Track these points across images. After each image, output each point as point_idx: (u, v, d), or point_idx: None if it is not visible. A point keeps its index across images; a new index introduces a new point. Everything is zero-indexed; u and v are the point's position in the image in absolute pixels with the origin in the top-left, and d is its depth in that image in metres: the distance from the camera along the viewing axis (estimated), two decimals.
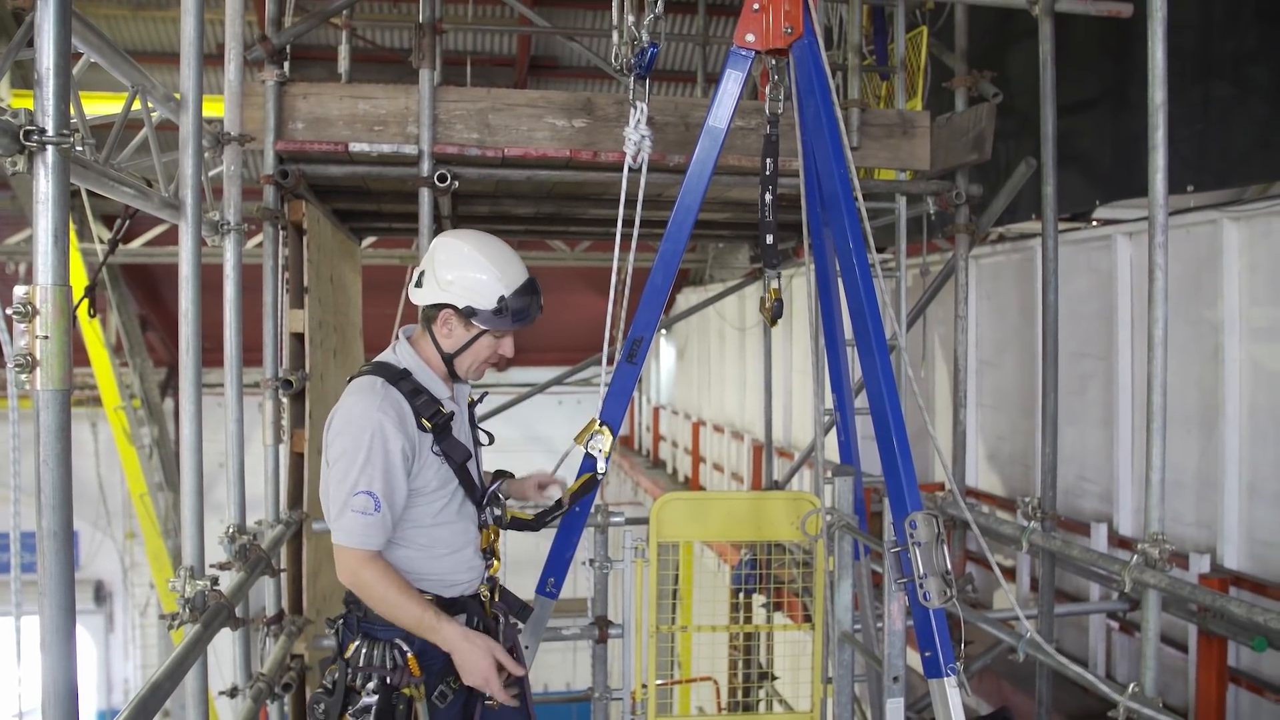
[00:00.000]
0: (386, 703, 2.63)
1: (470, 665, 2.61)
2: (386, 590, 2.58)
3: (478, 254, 2.64)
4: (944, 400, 6.80)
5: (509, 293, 2.63)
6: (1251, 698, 4.37)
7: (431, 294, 2.64)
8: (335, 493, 2.56)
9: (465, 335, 2.67)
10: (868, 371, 2.98)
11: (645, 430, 16.73)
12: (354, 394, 2.64)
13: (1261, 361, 4.36)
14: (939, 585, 2.68)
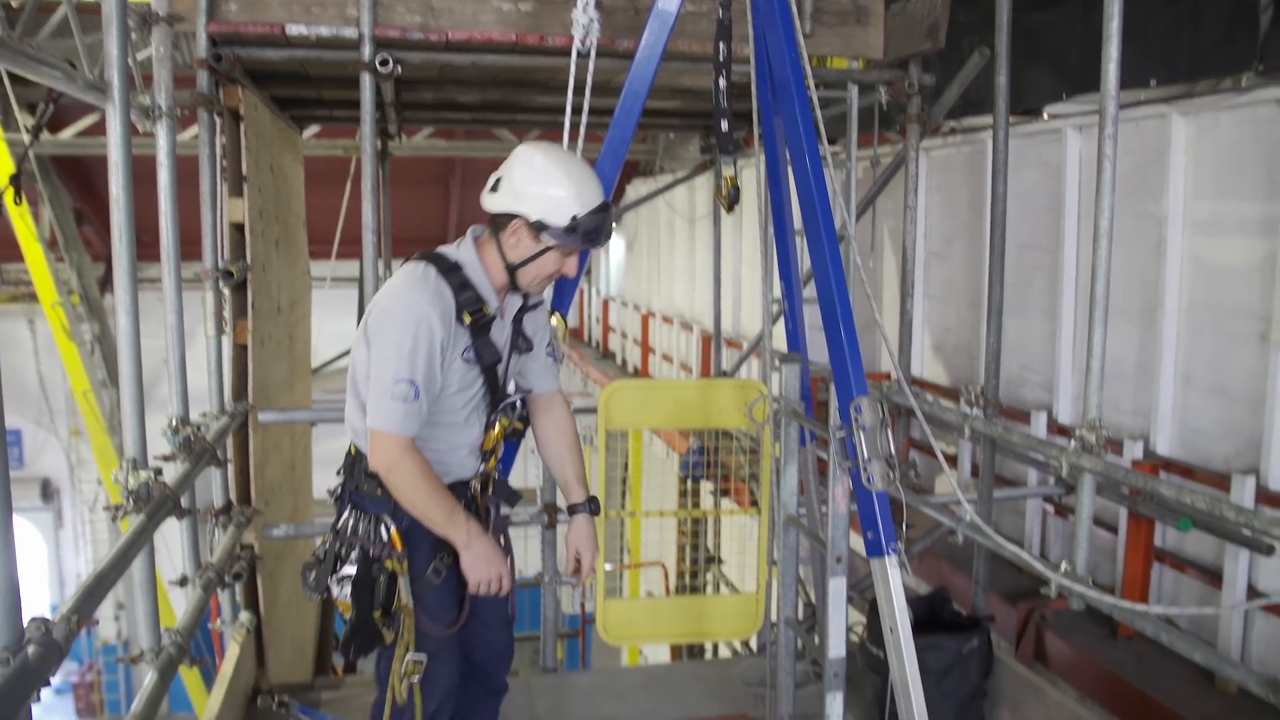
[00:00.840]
0: (365, 573, 2.69)
1: (479, 573, 2.71)
2: (421, 482, 2.62)
3: (556, 169, 2.62)
4: (892, 291, 6.85)
5: (583, 212, 2.61)
6: (1174, 574, 4.56)
7: (504, 202, 2.62)
8: (376, 376, 2.57)
9: (533, 248, 2.64)
10: (816, 260, 2.98)
11: (595, 322, 16.72)
12: (404, 281, 2.63)
13: (1202, 255, 4.43)
14: (882, 469, 2.74)
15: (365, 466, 2.72)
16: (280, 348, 5.11)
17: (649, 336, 13.05)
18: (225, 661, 3.97)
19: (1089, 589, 3.08)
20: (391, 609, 2.73)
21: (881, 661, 3.69)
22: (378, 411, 2.57)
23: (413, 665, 2.75)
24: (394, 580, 2.72)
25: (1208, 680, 4.11)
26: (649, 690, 4.27)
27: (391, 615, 2.74)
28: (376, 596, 2.70)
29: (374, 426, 2.59)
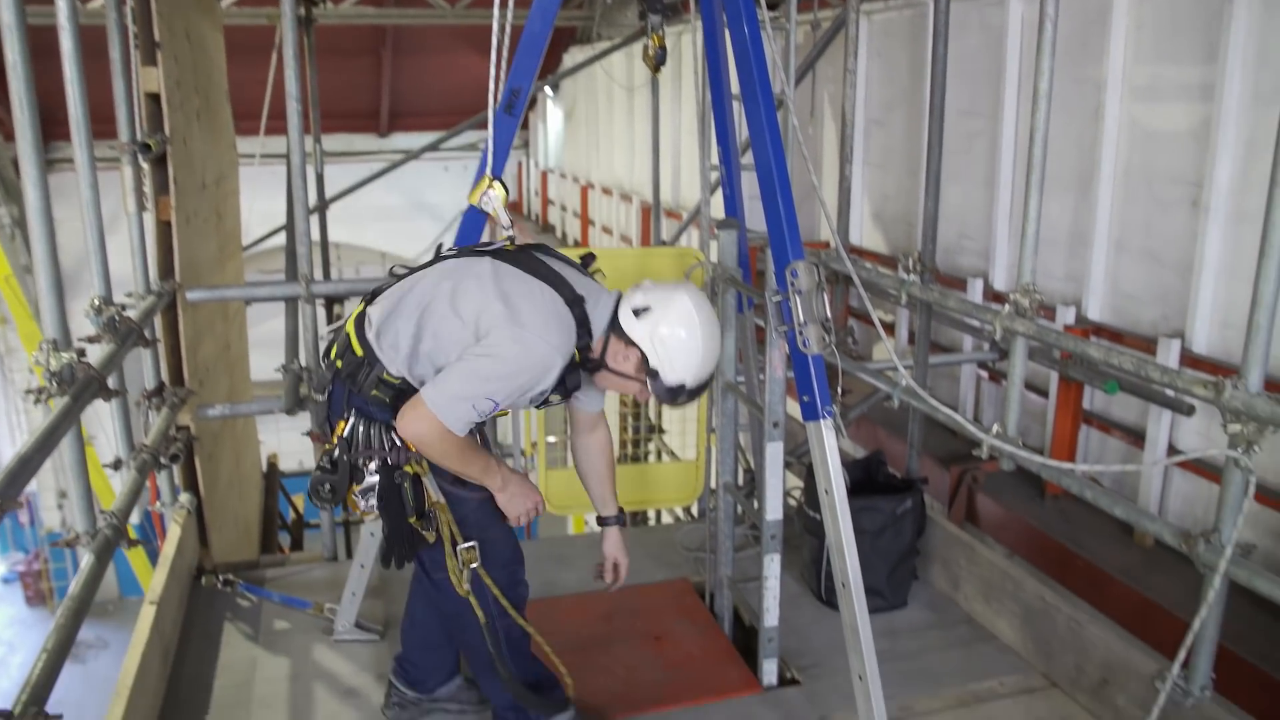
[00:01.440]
0: (389, 481, 2.64)
1: (515, 509, 2.76)
2: (457, 447, 2.58)
3: (700, 338, 2.67)
4: (831, 159, 6.81)
5: (691, 385, 2.71)
6: (1100, 436, 4.71)
7: (639, 335, 2.67)
8: (470, 379, 2.50)
9: (629, 372, 2.72)
10: (753, 127, 2.92)
11: (534, 195, 16.48)
12: (541, 311, 2.57)
13: (1139, 120, 4.43)
14: (818, 333, 2.75)
15: (379, 374, 2.63)
16: (208, 225, 4.95)
17: (588, 208, 12.90)
18: (166, 543, 3.95)
19: (1019, 449, 3.16)
20: (425, 510, 2.69)
21: (818, 524, 3.79)
22: (450, 406, 2.49)
23: (467, 554, 2.72)
24: (419, 482, 2.67)
25: (1127, 535, 4.29)
26: (593, 556, 4.33)
27: (427, 516, 2.69)
28: (407, 503, 2.66)
29: (437, 414, 2.50)
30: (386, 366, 2.63)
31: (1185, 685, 2.80)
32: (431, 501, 2.69)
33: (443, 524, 2.69)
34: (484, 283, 2.61)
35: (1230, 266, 3.98)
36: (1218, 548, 2.63)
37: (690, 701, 3.26)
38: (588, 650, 3.49)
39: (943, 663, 3.54)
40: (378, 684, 3.36)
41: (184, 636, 3.69)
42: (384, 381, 2.63)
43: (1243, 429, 2.53)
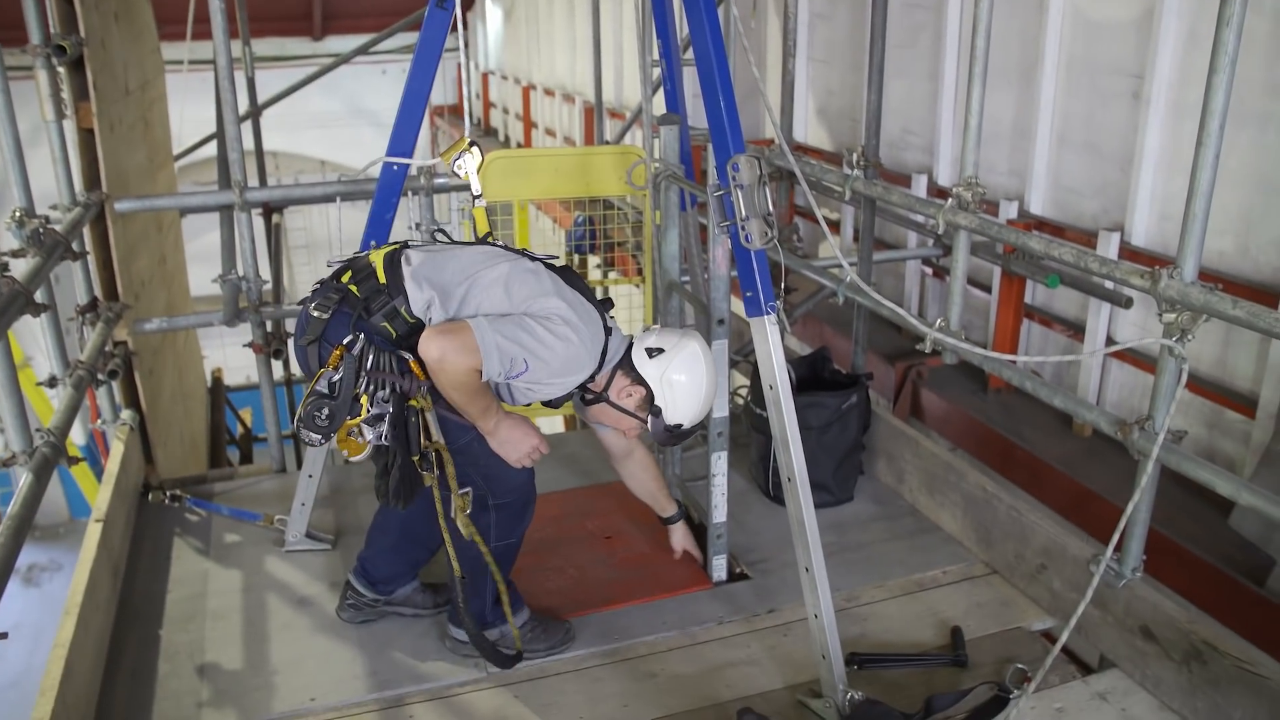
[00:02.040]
0: (400, 413, 2.58)
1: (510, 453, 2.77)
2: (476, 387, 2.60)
3: (705, 383, 2.85)
4: (775, 54, 6.70)
5: (688, 425, 2.87)
6: (1041, 330, 4.79)
7: (651, 374, 2.82)
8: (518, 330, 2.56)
9: (630, 408, 2.86)
10: (693, 18, 2.85)
11: (475, 97, 16.10)
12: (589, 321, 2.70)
13: (1082, 10, 4.39)
14: (760, 227, 2.73)
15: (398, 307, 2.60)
16: (134, 132, 4.78)
17: (530, 110, 12.64)
18: (110, 460, 3.90)
19: (962, 343, 3.19)
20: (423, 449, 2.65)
21: (765, 420, 3.82)
22: (492, 346, 2.51)
23: (463, 500, 2.71)
24: (421, 417, 2.63)
25: (1066, 427, 4.39)
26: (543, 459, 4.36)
27: (424, 456, 2.65)
28: (413, 438, 2.62)
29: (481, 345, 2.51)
30: (411, 304, 2.60)
31: (1118, 568, 2.90)
32: (430, 442, 2.65)
33: (445, 463, 2.66)
34: (541, 280, 2.69)
35: (1169, 160, 4.00)
36: (1151, 434, 2.70)
37: (642, 599, 3.32)
38: (539, 552, 3.53)
39: (888, 554, 3.63)
40: (330, 592, 3.38)
41: (133, 553, 3.67)
42: (399, 316, 2.60)
43: (1177, 318, 2.57)
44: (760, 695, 2.89)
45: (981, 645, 3.09)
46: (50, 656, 2.63)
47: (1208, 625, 2.80)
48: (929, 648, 3.10)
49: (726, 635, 3.18)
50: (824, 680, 2.78)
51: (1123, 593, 2.92)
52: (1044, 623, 3.22)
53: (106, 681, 2.96)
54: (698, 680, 2.97)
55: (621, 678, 2.98)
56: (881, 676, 2.94)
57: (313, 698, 2.89)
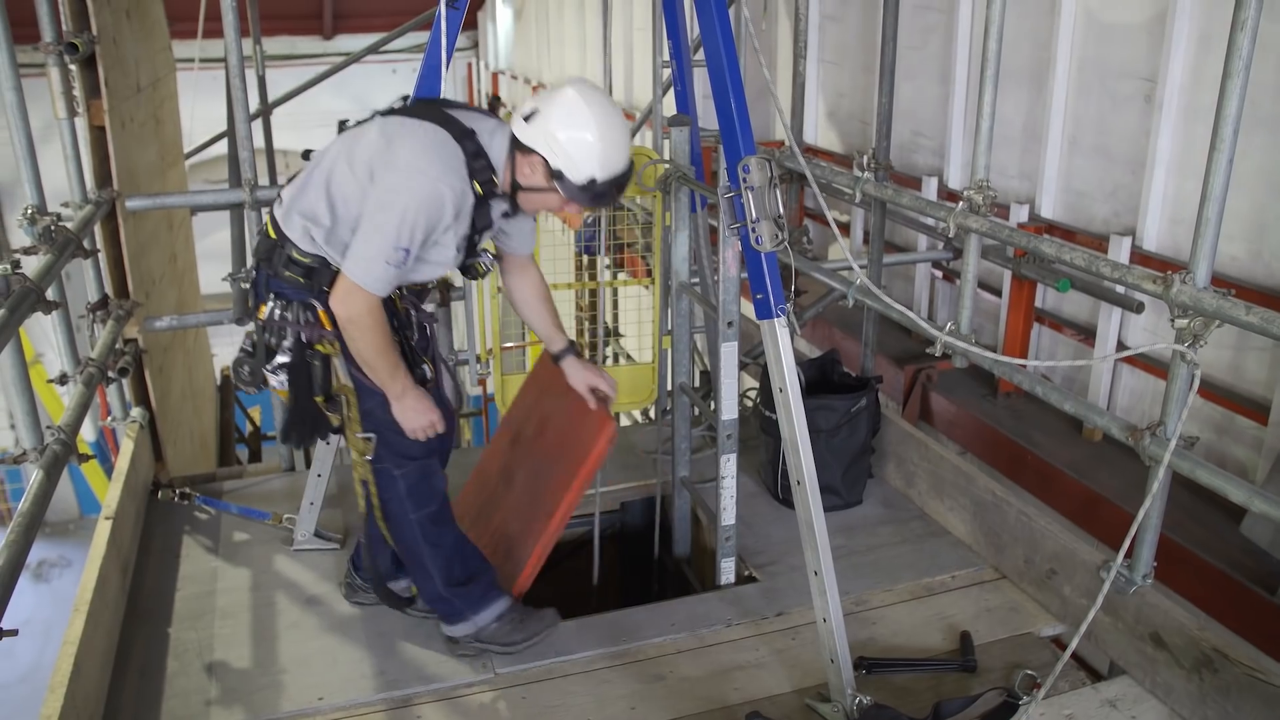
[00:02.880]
0: (300, 359, 2.68)
1: (410, 423, 2.78)
2: (377, 338, 2.64)
3: (594, 126, 2.59)
4: (785, 56, 6.69)
5: (602, 176, 2.62)
6: (1051, 334, 4.77)
7: (533, 138, 2.61)
8: (374, 237, 2.52)
9: (543, 185, 2.66)
10: (704, 19, 2.84)
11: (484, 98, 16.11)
12: (421, 146, 2.57)
13: (1094, 12, 4.37)
14: (771, 229, 2.72)
15: (289, 253, 2.66)
16: (146, 130, 4.79)
17: None
18: (120, 457, 3.90)
19: (972, 347, 3.18)
20: (331, 392, 2.73)
21: (774, 423, 3.81)
22: (365, 268, 2.54)
23: (363, 443, 2.77)
24: (329, 363, 2.71)
25: (1076, 431, 4.37)
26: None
27: (333, 399, 2.73)
28: (315, 381, 2.70)
29: (355, 279, 2.56)
30: (297, 244, 2.66)
31: (1128, 574, 2.89)
32: (339, 384, 2.74)
33: (349, 406, 2.75)
34: (371, 136, 2.64)
35: (1181, 164, 3.99)
36: (1162, 440, 2.68)
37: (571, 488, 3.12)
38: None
39: (896, 557, 3.62)
40: (338, 592, 3.39)
41: (143, 550, 3.68)
42: (294, 260, 2.67)
43: (1189, 323, 2.56)
44: (768, 699, 2.88)
45: (990, 650, 3.07)
46: (60, 653, 2.63)
47: (1219, 633, 2.78)
48: (938, 652, 3.09)
49: (735, 638, 3.17)
50: (832, 684, 2.77)
51: (1133, 599, 2.90)
52: (1053, 628, 3.21)
53: (115, 679, 2.97)
54: (706, 683, 2.96)
55: (629, 679, 2.98)
56: (890, 681, 2.94)
57: (320, 697, 2.89)
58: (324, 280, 2.67)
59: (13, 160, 3.26)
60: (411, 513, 2.90)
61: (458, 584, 2.98)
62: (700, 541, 3.96)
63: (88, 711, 2.66)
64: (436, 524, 2.95)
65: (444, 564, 2.96)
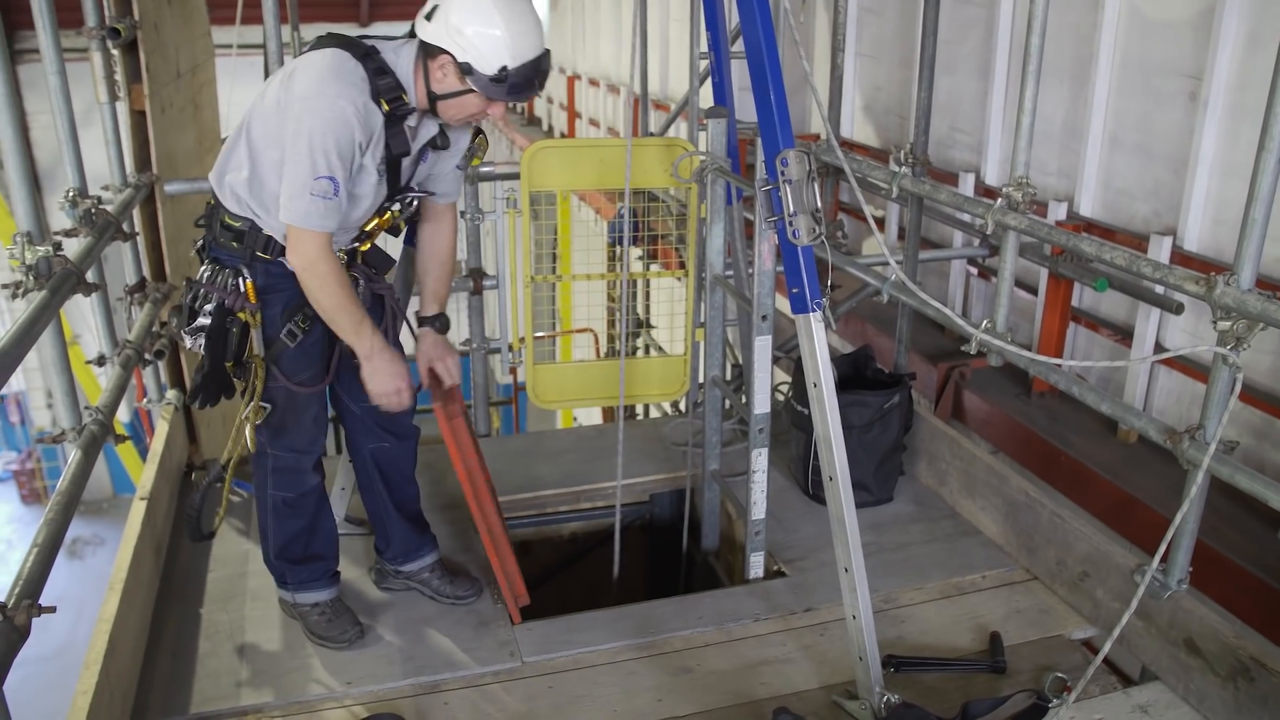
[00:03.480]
0: (220, 324, 2.72)
1: (378, 385, 2.78)
2: (335, 286, 2.63)
3: (495, 12, 2.48)
4: (822, 48, 6.65)
5: (514, 64, 2.52)
6: (1087, 334, 4.72)
7: (435, 34, 2.53)
8: (294, 171, 2.50)
9: (457, 86, 2.58)
10: (744, 12, 2.82)
11: None
12: (318, 70, 2.51)
13: (1139, 8, 4.31)
14: (808, 223, 2.70)
15: (222, 217, 2.74)
16: (184, 115, 4.82)
17: (575, 100, 12.64)
18: (155, 439, 3.94)
19: (1008, 345, 3.15)
20: (243, 359, 2.78)
21: (806, 418, 3.79)
22: (296, 208, 2.53)
23: (255, 410, 2.83)
24: (247, 331, 2.76)
25: (1110, 432, 4.32)
26: (579, 451, 4.38)
27: (243, 365, 2.79)
28: (229, 346, 2.75)
29: (292, 222, 2.56)
30: (226, 207, 2.72)
31: (1163, 578, 2.85)
32: (251, 353, 2.78)
33: (255, 377, 2.79)
34: (277, 74, 2.66)
35: (1225, 163, 3.92)
36: (1202, 444, 2.64)
37: None
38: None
39: (927, 556, 3.59)
40: (368, 576, 3.41)
41: (176, 531, 3.71)
42: (225, 225, 2.73)
43: (1232, 326, 2.52)
44: (795, 694, 2.87)
45: (1020, 652, 3.05)
46: (95, 631, 2.67)
47: (1256, 641, 2.75)
48: (967, 653, 3.07)
49: (763, 633, 3.17)
50: (860, 682, 2.76)
51: (1167, 604, 2.87)
52: (1085, 631, 3.18)
53: (148, 657, 3.00)
54: (733, 677, 2.96)
55: (656, 672, 2.98)
56: (918, 680, 2.92)
57: (349, 681, 2.91)
58: (255, 244, 2.71)
59: (52, 144, 3.30)
60: (270, 489, 2.98)
61: (290, 560, 3.07)
62: (729, 535, 3.95)
63: (121, 689, 2.70)
64: (290, 507, 3.02)
65: (283, 541, 3.05)
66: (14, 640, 1.87)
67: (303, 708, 2.82)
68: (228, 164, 2.73)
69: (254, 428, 2.86)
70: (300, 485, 3.01)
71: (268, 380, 2.82)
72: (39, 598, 2.07)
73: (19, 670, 1.85)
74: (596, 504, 4.15)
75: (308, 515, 3.06)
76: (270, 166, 2.64)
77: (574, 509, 4.15)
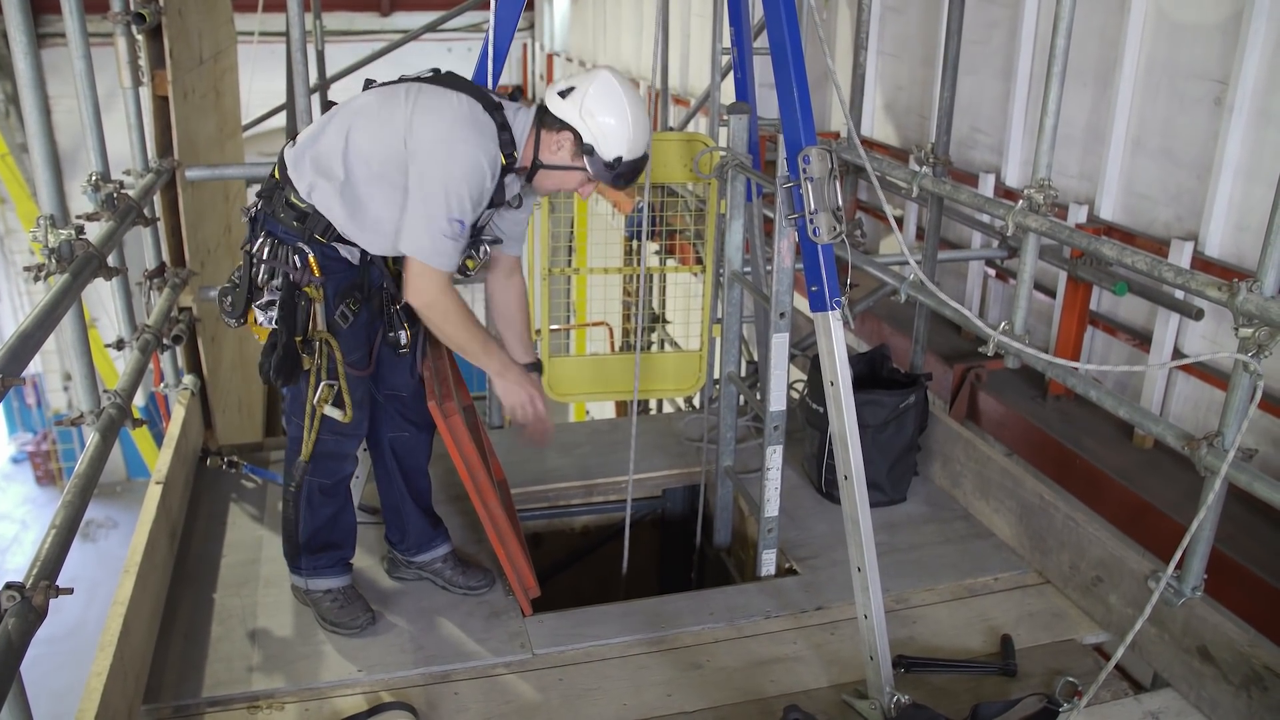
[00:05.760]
0: (289, 297, 2.74)
1: (512, 398, 2.94)
2: (459, 318, 2.76)
3: (628, 110, 2.72)
4: (844, 46, 6.62)
5: (628, 157, 2.75)
6: (1105, 338, 4.69)
7: (567, 113, 2.72)
8: (425, 209, 2.58)
9: (568, 162, 2.77)
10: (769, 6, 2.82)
11: (539, 79, 16.13)
12: (455, 115, 2.61)
13: (1165, 11, 4.27)
14: (829, 221, 2.70)
15: (288, 196, 2.74)
16: (206, 102, 4.84)
17: None
18: (171, 424, 3.97)
19: (1026, 347, 3.13)
20: (309, 335, 2.80)
21: (821, 416, 3.79)
22: (424, 244, 2.63)
23: (327, 390, 2.84)
24: (311, 307, 2.78)
25: (1126, 437, 4.30)
26: (593, 444, 4.38)
27: (309, 342, 2.80)
28: (299, 320, 2.77)
29: (419, 257, 2.64)
30: (296, 188, 2.73)
31: (1178, 585, 2.84)
32: (316, 330, 2.80)
33: (322, 354, 2.80)
34: (401, 100, 2.69)
35: (1250, 168, 3.88)
36: (1220, 451, 2.63)
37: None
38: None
39: (939, 557, 3.59)
40: (380, 565, 3.42)
41: (190, 516, 3.74)
42: (290, 204, 2.73)
43: (1254, 333, 2.50)
44: (805, 693, 2.87)
45: (1032, 655, 3.04)
46: (109, 613, 2.69)
47: (1270, 650, 2.72)
48: (978, 655, 3.06)
49: (773, 630, 3.17)
50: (871, 681, 2.76)
51: (1181, 611, 2.85)
52: (1097, 636, 3.17)
53: (161, 640, 3.02)
54: (743, 674, 2.96)
55: (666, 667, 2.98)
56: (928, 681, 2.91)
57: (360, 669, 2.92)
58: (316, 228, 2.73)
59: (74, 127, 3.31)
60: (308, 475, 2.99)
61: (311, 549, 3.09)
62: (741, 532, 3.95)
63: (134, 670, 2.72)
64: (325, 494, 3.06)
65: (313, 528, 3.07)
66: (32, 621, 1.88)
67: (314, 694, 2.83)
68: (312, 150, 2.74)
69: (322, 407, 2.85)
70: (338, 471, 3.04)
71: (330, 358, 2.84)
72: (56, 579, 2.08)
73: (31, 649, 1.87)
74: (609, 498, 4.16)
75: (337, 503, 3.09)
76: (364, 181, 2.69)
77: (586, 502, 4.16)
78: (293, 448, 2.99)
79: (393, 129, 2.65)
